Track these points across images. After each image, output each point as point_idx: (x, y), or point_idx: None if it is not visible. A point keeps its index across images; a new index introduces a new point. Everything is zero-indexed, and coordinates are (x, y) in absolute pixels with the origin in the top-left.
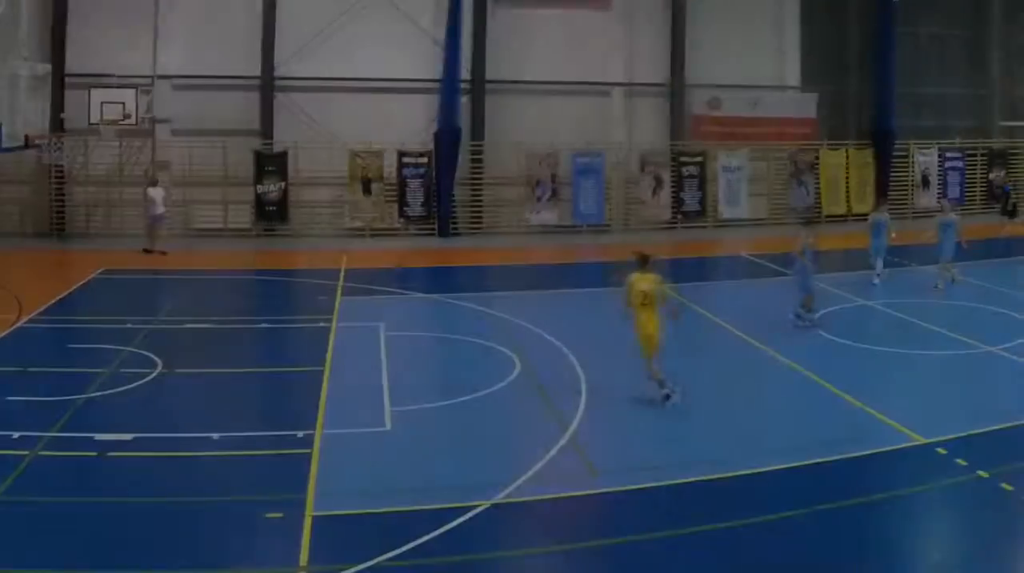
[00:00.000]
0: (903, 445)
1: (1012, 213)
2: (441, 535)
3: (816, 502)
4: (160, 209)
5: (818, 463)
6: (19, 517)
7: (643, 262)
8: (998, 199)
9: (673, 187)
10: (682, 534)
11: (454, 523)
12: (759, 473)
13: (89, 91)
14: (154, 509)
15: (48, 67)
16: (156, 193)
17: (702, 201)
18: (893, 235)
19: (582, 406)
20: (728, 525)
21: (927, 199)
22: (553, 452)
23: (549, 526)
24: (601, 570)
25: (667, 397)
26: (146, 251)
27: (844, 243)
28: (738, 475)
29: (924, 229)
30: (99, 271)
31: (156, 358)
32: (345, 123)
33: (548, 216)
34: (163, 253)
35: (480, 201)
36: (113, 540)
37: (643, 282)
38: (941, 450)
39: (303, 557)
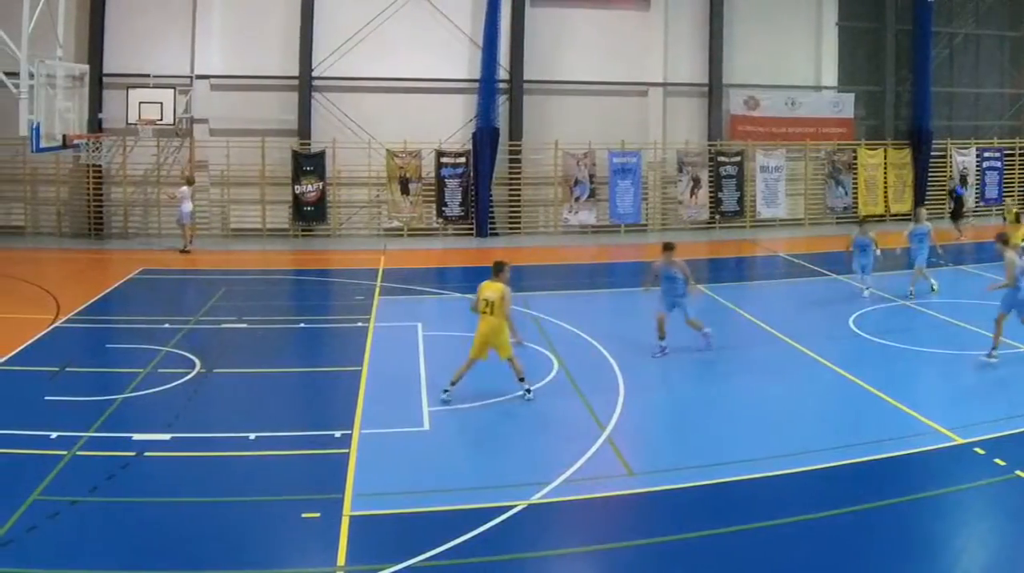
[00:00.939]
0: (941, 445)
1: (958, 217)
2: (478, 535)
3: (855, 502)
4: (190, 207)
5: (856, 463)
6: (56, 517)
7: (496, 271)
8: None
9: (711, 187)
10: (720, 534)
11: (491, 523)
12: (797, 473)
13: (127, 91)
14: (191, 509)
15: (86, 67)
16: (187, 192)
17: (740, 201)
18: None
19: (619, 406)
20: (766, 525)
21: (967, 198)
22: (590, 452)
23: (586, 526)
24: (639, 571)
25: (527, 392)
26: (183, 251)
27: (881, 243)
28: (776, 475)
29: (899, 234)
30: (137, 271)
31: (194, 358)
32: (383, 123)
33: (585, 216)
34: (187, 251)
35: (518, 201)
36: (150, 540)
37: (487, 290)
38: (979, 450)
39: (340, 557)
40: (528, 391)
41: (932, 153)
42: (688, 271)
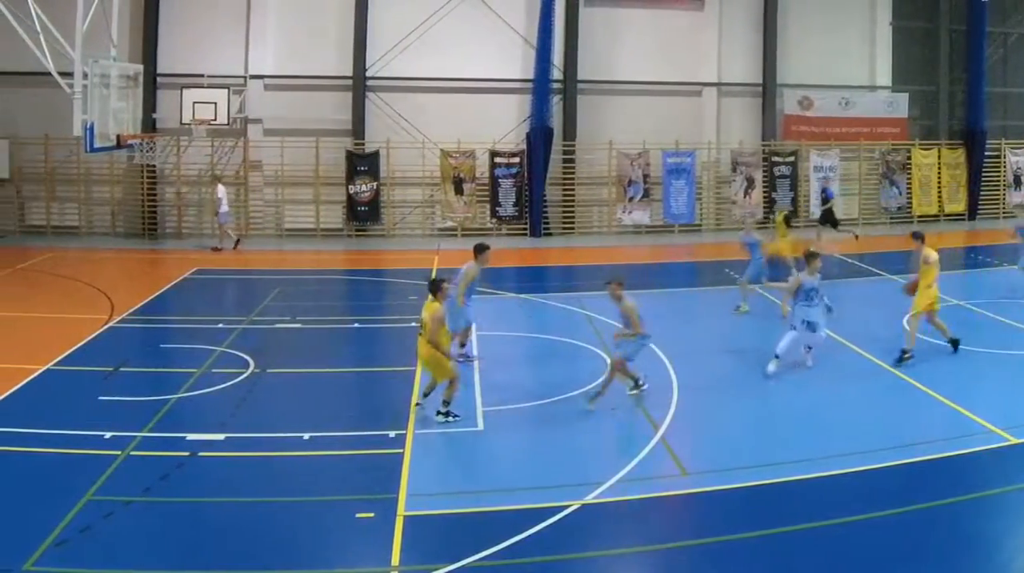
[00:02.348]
0: (996, 445)
1: (834, 222)
2: (532, 535)
3: (908, 502)
4: (225, 206)
5: (909, 463)
6: (110, 517)
7: (432, 289)
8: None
9: (765, 187)
10: (774, 534)
11: (545, 523)
12: (850, 473)
13: (181, 91)
14: (245, 509)
15: (140, 67)
16: (222, 191)
17: (794, 201)
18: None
19: (673, 406)
20: (820, 525)
21: (1020, 198)
22: (644, 452)
23: (640, 526)
24: (692, 570)
25: (447, 414)
26: (215, 250)
27: (936, 243)
28: (829, 475)
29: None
30: (191, 271)
31: (248, 358)
32: (437, 123)
33: (639, 216)
34: (217, 250)
35: (572, 201)
36: (204, 540)
37: (424, 310)
38: None
39: (395, 557)
40: (448, 415)
41: (986, 153)
42: (635, 315)
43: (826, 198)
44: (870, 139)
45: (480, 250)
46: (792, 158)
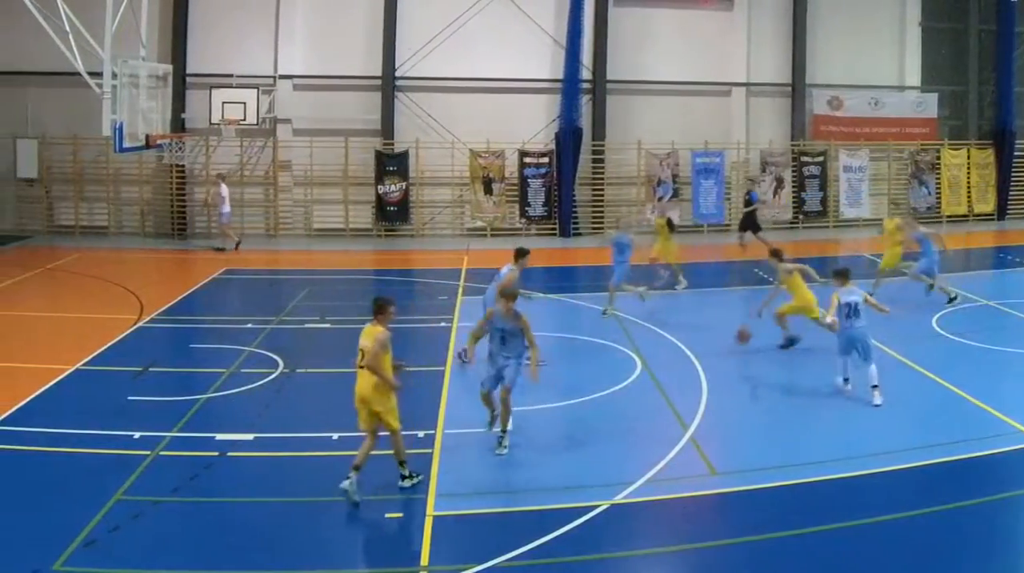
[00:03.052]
0: None
1: (755, 227)
2: (561, 535)
3: (938, 502)
4: (227, 206)
5: (939, 463)
6: (139, 518)
7: (376, 310)
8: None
9: (794, 187)
10: (804, 534)
11: (574, 523)
12: (880, 473)
13: (210, 91)
14: (274, 509)
15: (169, 67)
16: (224, 190)
17: (823, 201)
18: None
19: (702, 406)
20: (849, 525)
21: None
22: (673, 452)
23: (669, 526)
24: (722, 571)
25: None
26: (218, 250)
27: (965, 243)
28: (859, 475)
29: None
30: (221, 271)
31: (277, 358)
32: (466, 123)
33: (669, 216)
34: (220, 250)
35: (601, 201)
36: (232, 540)
37: (364, 335)
38: None
39: (424, 557)
40: (409, 477)
41: (1015, 153)
42: (528, 327)
43: (749, 201)
44: (899, 139)
45: (521, 254)
46: (821, 158)
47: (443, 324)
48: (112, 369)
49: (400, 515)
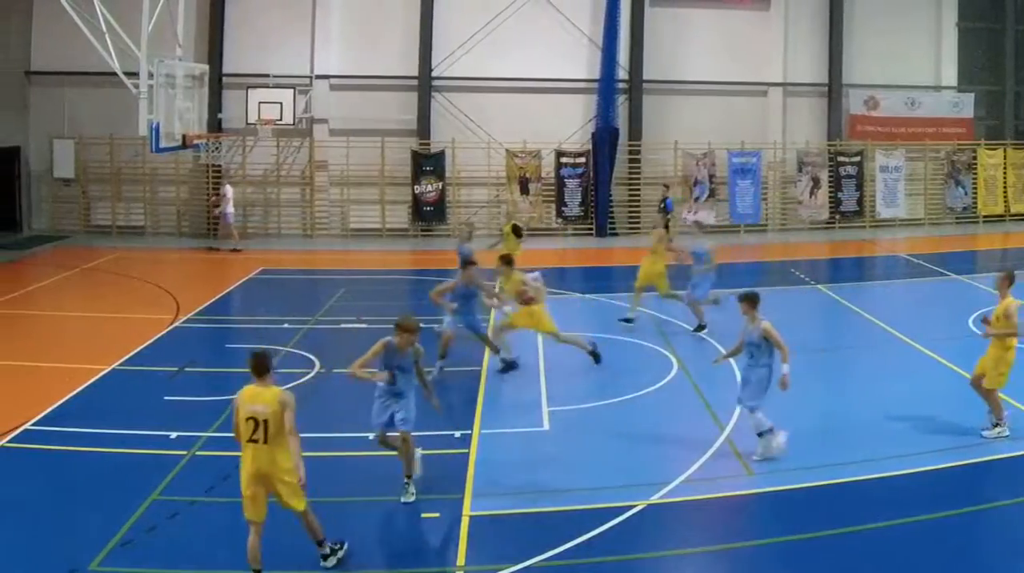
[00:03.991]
0: None
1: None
2: (598, 535)
3: (974, 502)
4: (230, 207)
5: (976, 463)
6: (176, 517)
7: (257, 367)
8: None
9: (830, 187)
10: (840, 534)
11: (611, 523)
12: (916, 473)
13: (247, 91)
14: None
15: (205, 67)
16: (229, 191)
17: (859, 201)
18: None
19: (739, 406)
20: (886, 525)
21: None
22: (710, 452)
23: (705, 527)
24: (758, 570)
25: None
26: (234, 250)
27: (1003, 243)
28: (895, 475)
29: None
30: (257, 271)
31: (313, 358)
32: (502, 123)
33: (705, 216)
34: (215, 250)
35: (637, 201)
36: (267, 540)
37: (254, 401)
38: None
39: (460, 557)
40: (333, 553)
41: None
42: (487, 286)
43: (664, 209)
44: (936, 139)
45: (466, 264)
46: (858, 158)
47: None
48: (149, 369)
49: (436, 515)
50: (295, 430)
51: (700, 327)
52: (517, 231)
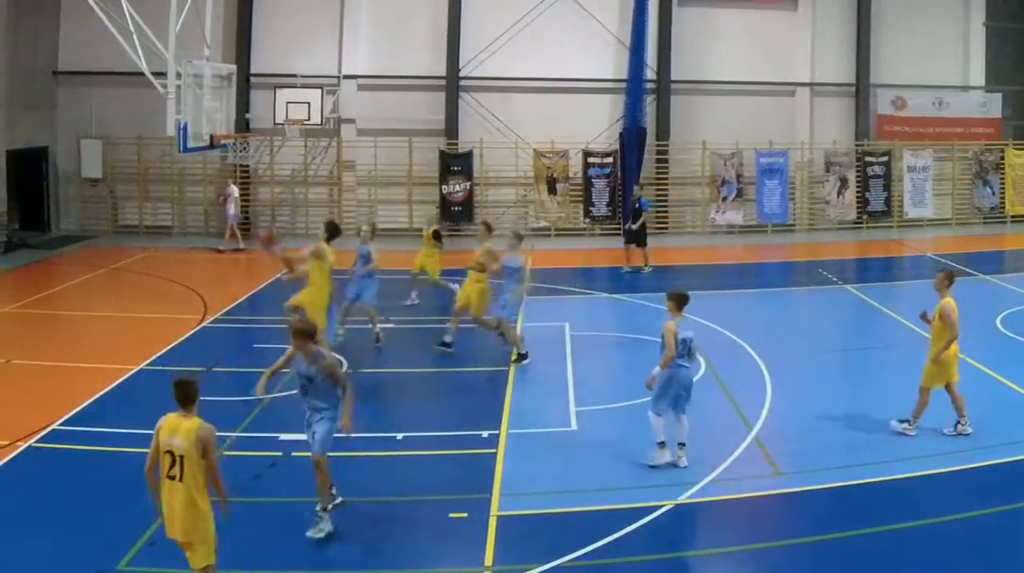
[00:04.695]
0: None
1: (642, 240)
2: (625, 535)
3: (1003, 502)
4: (234, 208)
5: (1004, 463)
6: None
7: (180, 396)
8: (633, 218)
9: (858, 187)
10: (867, 534)
11: (638, 523)
12: (944, 473)
13: (274, 91)
14: (338, 509)
15: (233, 67)
16: (234, 192)
17: (887, 201)
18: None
19: (766, 406)
20: (914, 525)
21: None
22: (737, 452)
23: (733, 526)
24: (786, 570)
25: None
26: (236, 250)
27: None
28: (924, 475)
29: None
30: (285, 270)
31: (341, 358)
32: (530, 123)
33: (733, 216)
34: (220, 251)
35: (665, 201)
36: (296, 540)
37: (173, 433)
38: None
39: (488, 557)
40: None
41: None
42: (337, 373)
43: (639, 210)
44: (963, 139)
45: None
46: (885, 158)
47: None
48: (176, 369)
49: (464, 515)
50: (217, 468)
51: (521, 357)
52: (437, 236)
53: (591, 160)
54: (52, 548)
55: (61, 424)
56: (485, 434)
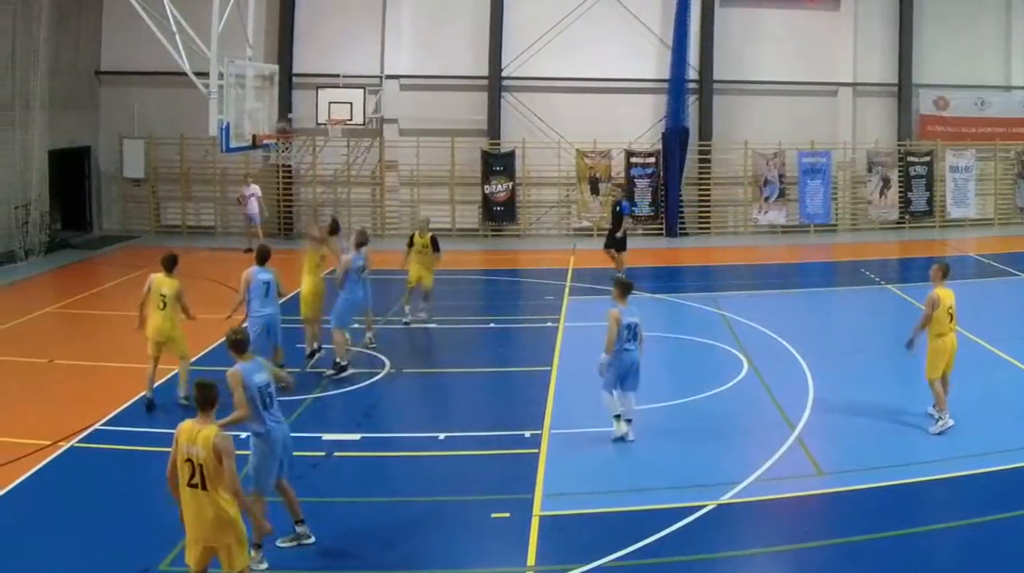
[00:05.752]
0: None
1: (622, 244)
2: (668, 535)
3: None
4: (255, 207)
5: None
6: (245, 516)
7: (200, 399)
8: (613, 222)
9: (900, 187)
10: (910, 534)
11: (681, 523)
12: (987, 473)
13: (317, 91)
14: (380, 509)
15: (275, 67)
16: (256, 190)
17: (929, 201)
18: None
19: (809, 406)
20: (957, 525)
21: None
22: (780, 452)
23: (775, 527)
24: (828, 570)
25: None
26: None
27: None
28: (966, 475)
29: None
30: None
31: (384, 358)
32: (572, 123)
33: (775, 216)
34: (250, 250)
35: (707, 201)
36: (339, 540)
37: (194, 440)
38: None
39: (530, 557)
40: None
41: None
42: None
43: (620, 213)
44: (1006, 139)
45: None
46: (928, 158)
47: (549, 324)
48: (218, 369)
49: (507, 515)
50: (235, 480)
51: (340, 368)
52: (436, 244)
53: (634, 160)
54: (94, 547)
55: (103, 424)
56: (527, 434)
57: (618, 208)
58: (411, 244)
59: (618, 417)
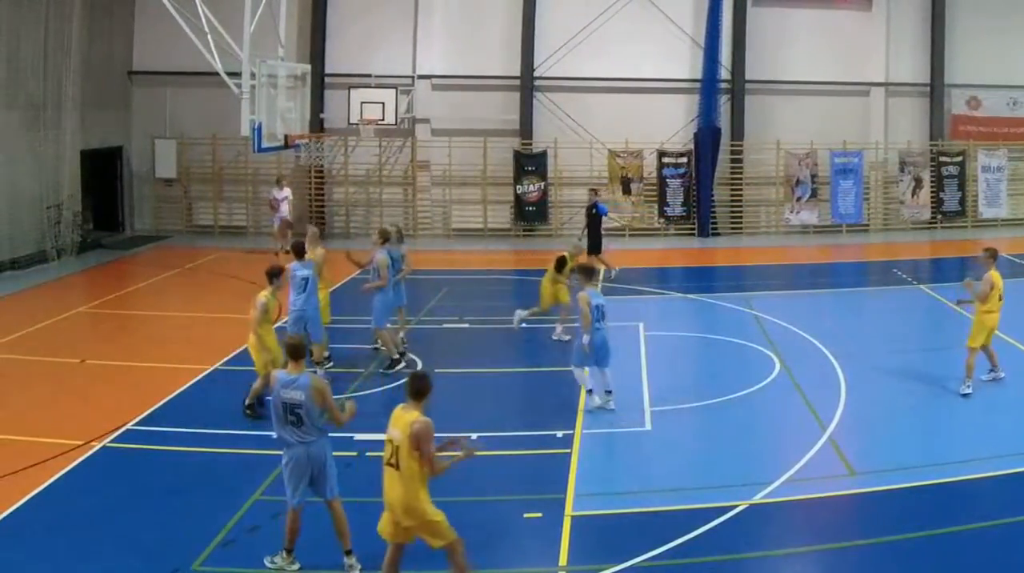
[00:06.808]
0: None
1: (597, 246)
2: (700, 535)
3: None
4: (285, 210)
5: None
6: (278, 517)
7: (411, 388)
8: (589, 226)
9: (932, 187)
10: (943, 534)
11: (713, 523)
12: (1019, 473)
13: (349, 91)
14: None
15: (307, 67)
16: (288, 194)
17: (962, 201)
18: None
19: (841, 406)
20: (991, 525)
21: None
22: (812, 452)
23: (807, 527)
24: (861, 570)
25: None
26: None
27: None
28: (999, 475)
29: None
30: (358, 271)
31: (416, 358)
32: (604, 123)
33: (807, 216)
34: (278, 253)
35: (739, 201)
36: (371, 541)
37: (396, 423)
38: None
39: (562, 557)
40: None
41: None
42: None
43: (597, 214)
44: None
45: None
46: (960, 158)
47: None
48: (250, 369)
49: (539, 515)
50: (432, 463)
51: (394, 362)
52: (561, 265)
53: (665, 160)
54: (127, 547)
55: (136, 424)
56: (559, 434)
57: (595, 210)
58: (560, 268)
59: (590, 391)
